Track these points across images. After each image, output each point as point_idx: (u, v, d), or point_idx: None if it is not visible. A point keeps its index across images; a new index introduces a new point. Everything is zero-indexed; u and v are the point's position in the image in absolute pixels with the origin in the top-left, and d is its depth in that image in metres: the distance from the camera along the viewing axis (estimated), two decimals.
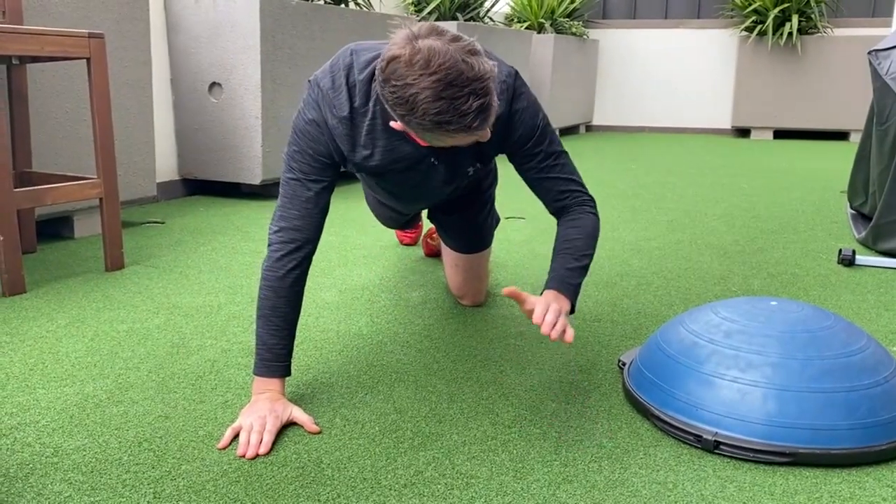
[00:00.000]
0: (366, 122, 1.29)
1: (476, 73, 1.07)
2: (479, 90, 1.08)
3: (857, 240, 2.62)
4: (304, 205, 1.32)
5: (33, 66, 2.32)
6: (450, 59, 1.06)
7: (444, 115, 1.08)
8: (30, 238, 2.32)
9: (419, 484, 1.08)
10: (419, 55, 1.06)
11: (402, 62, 1.07)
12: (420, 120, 1.10)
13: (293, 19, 3.23)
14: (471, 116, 1.08)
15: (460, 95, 1.07)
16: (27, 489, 1.06)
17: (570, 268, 1.35)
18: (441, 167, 1.41)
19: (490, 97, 1.10)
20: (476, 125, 1.10)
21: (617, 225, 2.87)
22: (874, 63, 2.44)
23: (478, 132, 1.13)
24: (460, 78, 1.06)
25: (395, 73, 1.08)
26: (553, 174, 1.40)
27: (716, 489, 1.08)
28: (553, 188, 1.41)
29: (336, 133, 1.29)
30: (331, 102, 1.28)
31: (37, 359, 1.52)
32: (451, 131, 1.11)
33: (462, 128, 1.10)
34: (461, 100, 1.07)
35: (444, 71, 1.06)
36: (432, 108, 1.07)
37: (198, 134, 3.30)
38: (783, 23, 6.18)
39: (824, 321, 1.26)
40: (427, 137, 1.16)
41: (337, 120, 1.28)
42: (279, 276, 1.31)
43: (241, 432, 1.19)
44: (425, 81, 1.06)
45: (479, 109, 1.08)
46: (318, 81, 1.29)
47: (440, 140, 1.16)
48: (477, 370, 1.49)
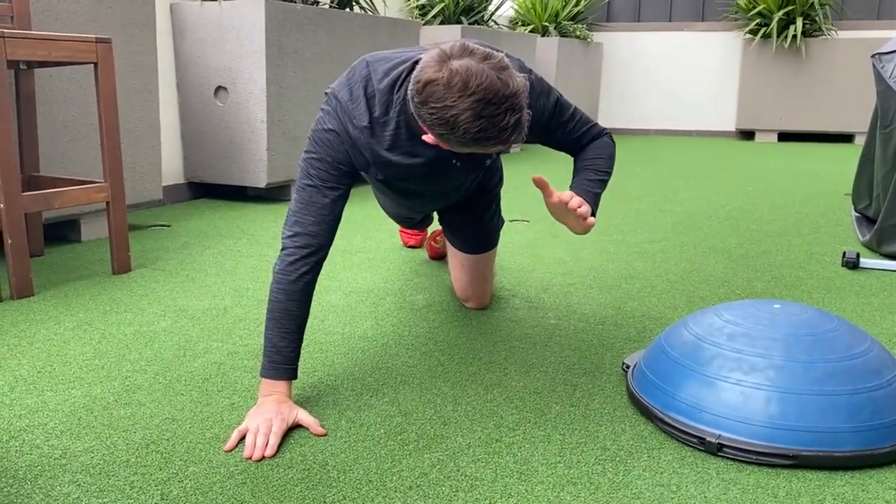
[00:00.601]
0: (388, 132, 1.33)
1: (511, 90, 1.14)
2: (515, 106, 1.14)
3: (861, 243, 2.62)
4: (319, 211, 1.34)
5: (41, 70, 2.34)
6: (486, 78, 1.12)
7: (484, 133, 1.14)
8: (37, 241, 2.34)
9: (424, 486, 1.09)
10: (457, 77, 1.12)
11: (441, 85, 1.13)
12: (460, 138, 1.16)
13: (298, 23, 3.25)
14: (509, 131, 1.15)
15: (498, 113, 1.13)
16: (36, 491, 1.07)
17: (591, 179, 1.45)
18: (462, 167, 1.47)
19: (524, 111, 1.17)
20: (514, 138, 1.17)
21: (621, 228, 2.87)
22: (878, 66, 2.44)
23: (514, 143, 1.20)
24: (497, 96, 1.12)
25: (433, 96, 1.14)
26: (575, 134, 1.50)
27: (719, 491, 1.08)
28: (577, 142, 1.51)
29: (359, 143, 1.33)
30: (350, 113, 1.31)
31: (45, 361, 1.53)
32: (489, 146, 1.17)
33: (500, 142, 1.17)
34: (499, 117, 1.13)
35: (483, 91, 1.11)
36: (473, 127, 1.13)
37: (203, 138, 3.31)
38: (787, 25, 6.18)
39: (828, 324, 1.27)
40: (461, 150, 1.22)
41: (358, 130, 1.32)
42: (291, 280, 1.32)
43: (248, 434, 1.20)
44: (465, 103, 1.11)
45: (515, 124, 1.15)
46: (335, 94, 1.34)
47: (478, 150, 1.21)
48: (481, 373, 1.49)
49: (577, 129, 1.50)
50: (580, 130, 1.50)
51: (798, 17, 6.08)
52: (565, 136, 1.50)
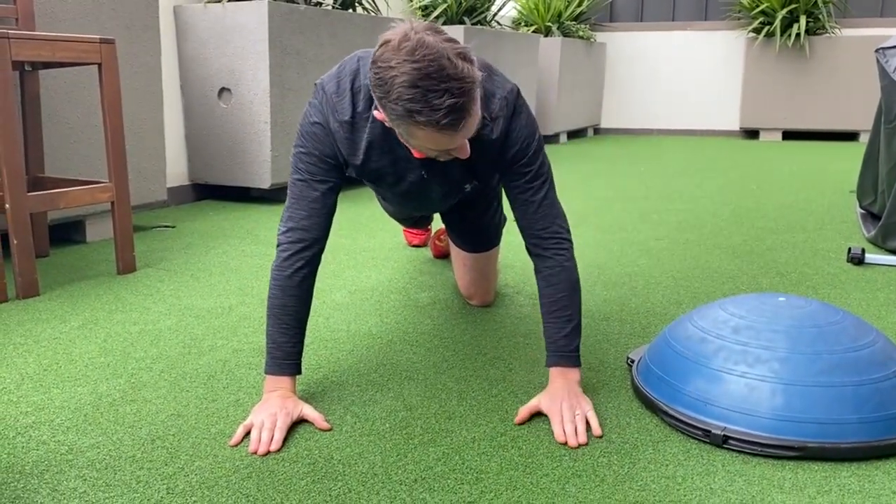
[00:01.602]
0: (367, 127, 1.31)
1: (458, 74, 1.08)
2: (455, 90, 1.08)
3: (866, 238, 2.62)
4: (311, 205, 1.33)
5: (45, 72, 2.35)
6: (436, 52, 1.07)
7: (415, 104, 1.08)
8: (42, 242, 2.35)
9: (429, 479, 1.09)
10: (408, 42, 1.08)
11: (391, 46, 1.09)
12: (393, 105, 1.10)
13: (301, 25, 3.26)
14: (441, 112, 1.08)
15: (436, 89, 1.07)
16: (42, 485, 1.07)
17: (565, 335, 1.33)
18: (435, 183, 1.42)
19: (466, 101, 1.09)
20: (445, 123, 1.09)
21: (625, 226, 2.87)
22: (881, 61, 2.43)
23: (448, 133, 1.12)
24: (441, 73, 1.07)
25: (382, 56, 1.10)
26: (537, 199, 1.35)
27: (724, 483, 1.08)
28: (535, 216, 1.36)
29: (337, 136, 1.31)
30: (334, 106, 1.30)
31: (51, 359, 1.54)
32: (420, 123, 1.10)
33: (431, 122, 1.09)
34: (435, 94, 1.07)
35: (427, 62, 1.06)
36: (406, 94, 1.08)
37: (207, 139, 3.32)
38: (791, 24, 6.17)
39: (832, 316, 1.27)
40: (403, 130, 1.16)
41: (338, 124, 1.30)
42: (287, 276, 1.32)
43: (253, 429, 1.20)
44: (406, 67, 1.07)
45: (450, 108, 1.08)
46: (323, 85, 1.32)
47: (414, 136, 1.15)
48: (486, 368, 1.49)
49: (542, 200, 1.35)
50: (545, 203, 1.35)
51: (801, 15, 6.08)
52: (526, 192, 1.35)
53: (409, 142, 1.19)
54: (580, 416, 1.23)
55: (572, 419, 1.23)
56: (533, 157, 1.34)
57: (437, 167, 1.38)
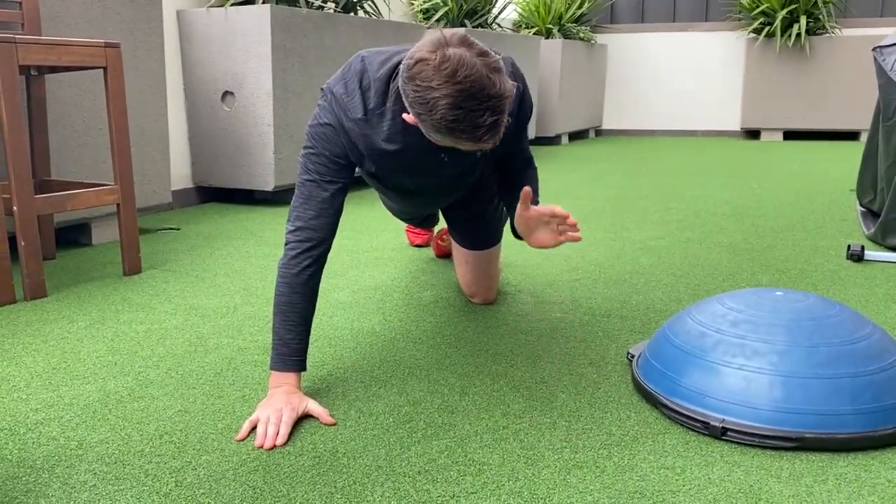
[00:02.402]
0: (385, 122, 1.34)
1: (497, 91, 1.14)
2: (496, 107, 1.15)
3: (866, 236, 2.63)
4: (319, 205, 1.36)
5: (51, 76, 2.38)
6: (476, 72, 1.12)
7: (458, 124, 1.15)
8: (49, 245, 2.37)
9: (433, 471, 1.11)
10: (448, 63, 1.12)
11: (431, 66, 1.14)
12: (436, 123, 1.16)
13: (304, 28, 3.28)
14: (483, 130, 1.15)
15: (478, 108, 1.13)
16: (53, 479, 1.09)
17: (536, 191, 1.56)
18: (452, 163, 1.48)
19: (504, 115, 1.17)
20: (486, 139, 1.18)
21: (626, 225, 2.89)
22: (879, 59, 2.45)
23: (485, 146, 1.20)
24: (482, 93, 1.13)
25: (420, 74, 1.14)
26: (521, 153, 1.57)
27: (723, 473, 1.10)
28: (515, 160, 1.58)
29: (353, 134, 1.35)
30: (345, 106, 1.33)
31: (59, 358, 1.56)
32: (461, 139, 1.18)
33: (472, 139, 1.17)
34: (477, 112, 1.14)
35: (469, 83, 1.12)
36: (449, 115, 1.14)
37: (211, 142, 3.35)
38: (791, 24, 6.19)
39: (829, 310, 1.28)
40: (435, 137, 1.23)
41: (352, 122, 1.34)
42: (294, 273, 1.34)
43: (259, 424, 1.22)
44: (448, 89, 1.12)
45: (491, 125, 1.16)
46: (331, 88, 1.35)
47: (446, 142, 1.22)
48: (488, 364, 1.51)
49: (524, 148, 1.58)
50: (524, 150, 1.58)
51: (801, 15, 6.09)
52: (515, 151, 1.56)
53: (439, 141, 1.25)
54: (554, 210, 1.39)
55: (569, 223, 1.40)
56: (525, 129, 1.54)
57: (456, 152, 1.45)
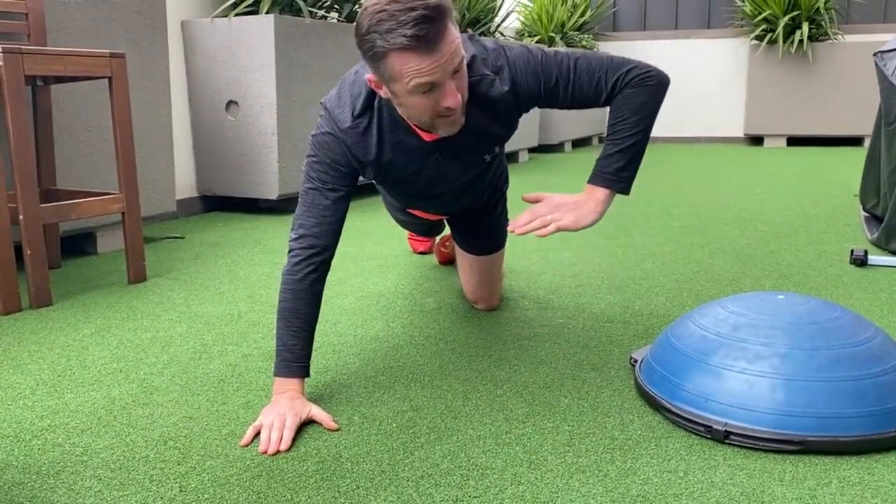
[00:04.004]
0: (374, 123, 1.35)
1: None
2: (422, 5, 1.11)
3: (869, 241, 2.63)
4: (322, 212, 1.37)
5: (57, 86, 2.39)
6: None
7: (382, 24, 1.12)
8: (54, 253, 2.39)
9: (436, 475, 1.11)
10: None
11: None
12: (368, 39, 1.14)
13: (307, 37, 3.30)
14: (409, 25, 1.11)
15: (402, 8, 1.11)
16: (59, 485, 1.10)
17: (606, 156, 1.36)
18: (452, 161, 1.45)
19: (435, 13, 1.12)
20: (420, 35, 1.11)
21: (630, 231, 2.89)
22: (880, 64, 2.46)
23: (425, 51, 1.13)
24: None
25: (358, 17, 1.17)
26: (583, 85, 1.35)
27: (726, 476, 1.10)
28: (594, 92, 1.36)
29: (349, 143, 1.36)
30: (336, 118, 1.36)
31: (64, 366, 1.57)
32: (395, 48, 1.13)
33: (403, 38, 1.11)
34: (402, 12, 1.11)
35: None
36: (374, 19, 1.12)
37: (215, 151, 3.36)
38: (793, 30, 6.20)
39: (831, 313, 1.29)
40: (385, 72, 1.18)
41: (343, 132, 1.36)
42: (297, 280, 1.35)
43: (262, 430, 1.23)
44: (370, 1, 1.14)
45: (418, 19, 1.11)
46: (326, 103, 1.39)
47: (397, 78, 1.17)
48: (491, 370, 1.52)
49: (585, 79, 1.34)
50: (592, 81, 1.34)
51: (804, 21, 6.10)
52: (572, 94, 1.35)
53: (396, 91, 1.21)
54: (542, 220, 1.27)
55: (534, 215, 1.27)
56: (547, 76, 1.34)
57: (449, 146, 1.41)
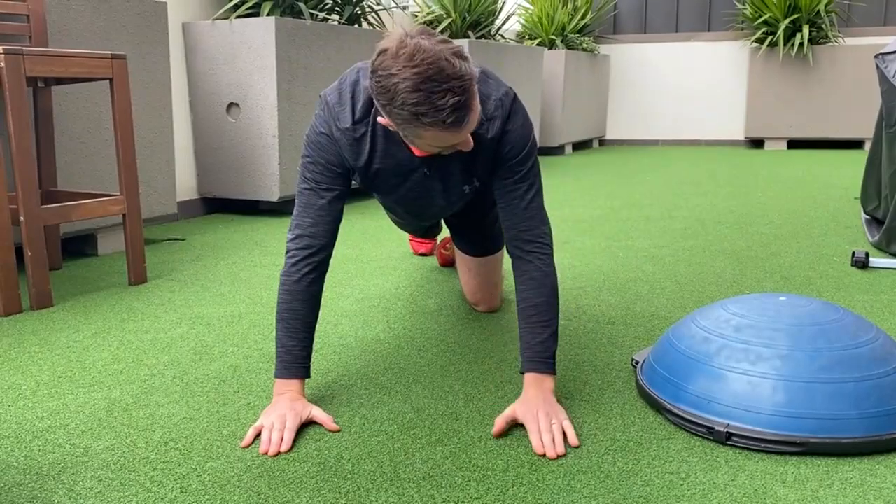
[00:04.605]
0: (368, 131, 1.35)
1: (457, 73, 1.13)
2: (457, 88, 1.13)
3: (871, 243, 2.63)
4: (317, 212, 1.37)
5: (57, 88, 2.39)
6: (433, 55, 1.12)
7: (420, 107, 1.13)
8: (55, 255, 2.38)
9: (437, 476, 1.11)
10: (405, 49, 1.13)
11: (389, 54, 1.14)
12: (399, 110, 1.15)
13: (308, 39, 3.30)
14: (446, 112, 1.13)
15: (438, 90, 1.12)
16: (59, 486, 1.10)
17: (541, 340, 1.33)
18: (436, 181, 1.45)
19: (468, 97, 1.15)
20: (451, 122, 1.14)
21: (630, 233, 2.89)
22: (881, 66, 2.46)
23: (454, 131, 1.17)
24: (440, 74, 1.12)
25: (381, 65, 1.15)
26: (525, 200, 1.38)
27: (728, 478, 1.10)
28: (520, 218, 1.38)
29: (341, 144, 1.36)
30: (336, 116, 1.35)
31: (65, 367, 1.57)
32: (426, 125, 1.15)
33: (437, 122, 1.14)
34: (438, 94, 1.12)
35: (426, 65, 1.11)
36: (410, 99, 1.13)
37: (216, 153, 3.36)
38: (794, 33, 6.20)
39: (833, 314, 1.28)
40: (409, 133, 1.20)
41: (340, 132, 1.35)
42: (295, 281, 1.35)
43: (263, 431, 1.22)
44: (407, 73, 1.12)
45: (454, 106, 1.13)
46: (326, 97, 1.37)
47: (420, 136, 1.19)
48: (492, 371, 1.52)
49: (529, 201, 1.38)
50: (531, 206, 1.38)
51: (804, 24, 6.11)
52: (515, 191, 1.37)
53: (415, 142, 1.24)
54: (557, 426, 1.22)
55: (549, 429, 1.21)
56: (524, 158, 1.38)
57: (438, 164, 1.42)
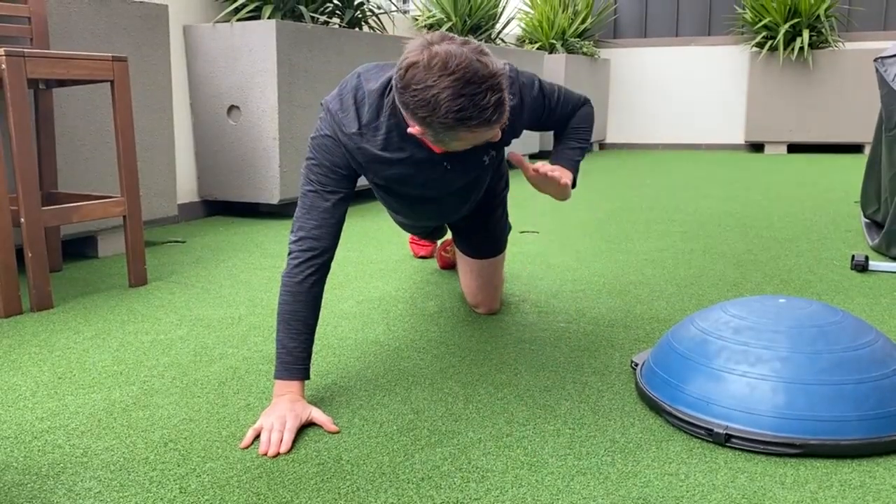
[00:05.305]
0: (379, 135, 1.36)
1: (490, 71, 1.17)
2: (495, 85, 1.18)
3: (870, 247, 2.63)
4: (321, 215, 1.37)
5: (59, 90, 2.40)
6: (465, 59, 1.16)
7: (465, 111, 1.17)
8: (56, 257, 2.39)
9: (436, 477, 1.11)
10: (436, 59, 1.16)
11: (421, 67, 1.16)
12: (443, 119, 1.18)
13: (309, 43, 3.31)
14: (490, 110, 1.18)
15: (479, 91, 1.16)
16: (58, 486, 1.10)
17: (572, 147, 1.56)
18: (458, 170, 1.49)
19: (504, 92, 1.20)
20: (495, 118, 1.20)
21: (631, 236, 2.89)
22: (880, 70, 2.46)
23: (496, 126, 1.22)
24: (477, 76, 1.16)
25: (414, 79, 1.17)
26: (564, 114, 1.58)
27: (727, 479, 1.10)
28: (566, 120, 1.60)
29: (349, 148, 1.36)
30: (340, 122, 1.36)
31: (65, 368, 1.57)
32: (472, 127, 1.19)
33: (483, 122, 1.19)
34: (480, 95, 1.16)
35: (462, 70, 1.15)
36: (454, 106, 1.16)
37: (217, 156, 3.37)
38: (794, 38, 6.21)
39: (832, 316, 1.29)
40: (447, 137, 1.23)
41: (347, 137, 1.36)
42: (297, 282, 1.35)
43: (263, 432, 1.22)
44: (445, 82, 1.15)
45: (496, 103, 1.18)
46: (328, 105, 1.39)
47: (459, 139, 1.23)
48: (492, 373, 1.52)
49: (565, 109, 1.57)
50: (567, 109, 1.58)
51: (804, 29, 6.12)
52: (557, 119, 1.57)
53: (450, 144, 1.27)
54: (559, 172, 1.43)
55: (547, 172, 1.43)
56: (548, 104, 1.53)
57: (457, 156, 1.45)
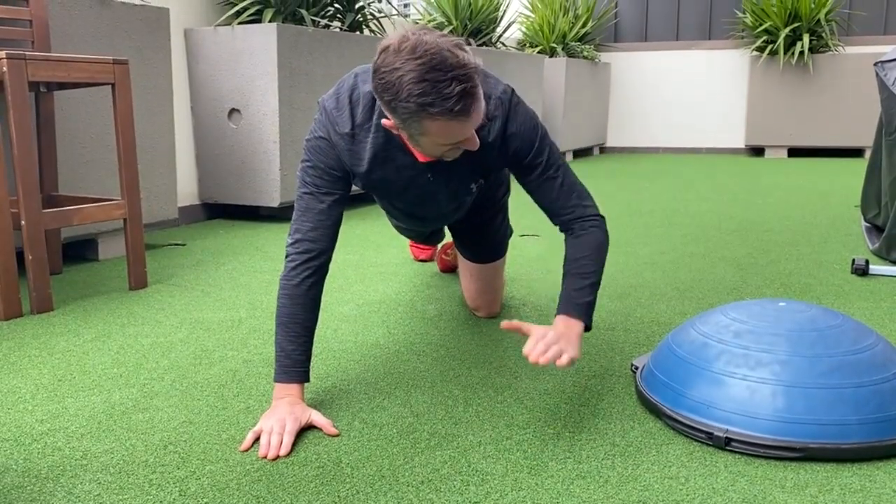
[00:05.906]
0: (370, 137, 1.35)
1: (460, 62, 1.14)
2: (461, 76, 1.14)
3: (871, 251, 2.63)
4: (317, 216, 1.37)
5: (59, 92, 2.40)
6: (435, 46, 1.13)
7: (427, 97, 1.13)
8: (56, 260, 2.39)
9: (436, 481, 1.11)
10: (406, 43, 1.14)
11: (391, 51, 1.15)
12: (405, 103, 1.15)
13: (310, 46, 3.31)
14: (453, 100, 1.13)
15: (443, 79, 1.13)
16: (58, 489, 1.10)
17: (577, 288, 1.35)
18: (441, 185, 1.46)
19: (472, 85, 1.15)
20: (458, 109, 1.15)
21: (631, 240, 2.89)
22: (881, 74, 2.46)
23: (462, 120, 1.17)
24: (444, 64, 1.13)
25: (384, 62, 1.16)
26: (554, 186, 1.41)
27: (727, 483, 1.10)
28: (556, 201, 1.42)
29: (339, 148, 1.36)
30: (334, 121, 1.35)
31: (65, 370, 1.57)
32: (434, 115, 1.15)
33: (445, 111, 1.14)
34: (444, 83, 1.13)
35: (429, 56, 1.12)
36: (416, 89, 1.13)
37: (217, 159, 3.37)
38: (794, 42, 6.22)
39: (832, 320, 1.28)
40: (414, 130, 1.20)
41: (339, 136, 1.36)
42: (295, 285, 1.35)
43: (262, 435, 1.22)
44: (410, 65, 1.13)
45: (461, 94, 1.14)
46: (324, 103, 1.38)
47: (426, 132, 1.19)
48: (492, 376, 1.52)
49: (559, 185, 1.40)
50: (563, 188, 1.40)
51: (805, 33, 6.12)
52: (542, 183, 1.40)
53: (421, 141, 1.23)
54: (557, 348, 1.21)
55: (548, 345, 1.21)
56: (538, 152, 1.40)
57: (441, 168, 1.42)
